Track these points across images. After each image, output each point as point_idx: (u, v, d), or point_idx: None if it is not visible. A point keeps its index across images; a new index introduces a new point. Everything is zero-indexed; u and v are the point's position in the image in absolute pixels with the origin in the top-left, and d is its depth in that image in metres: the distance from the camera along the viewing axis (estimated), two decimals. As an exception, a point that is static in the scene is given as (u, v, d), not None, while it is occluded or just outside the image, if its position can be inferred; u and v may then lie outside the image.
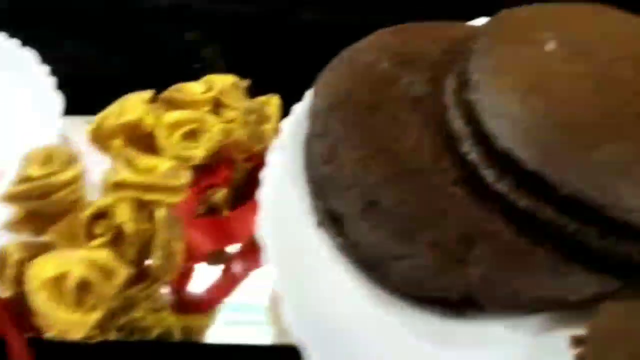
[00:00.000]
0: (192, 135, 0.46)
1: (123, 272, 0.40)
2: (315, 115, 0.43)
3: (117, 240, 0.41)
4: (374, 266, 0.38)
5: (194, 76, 0.48)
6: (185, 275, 0.44)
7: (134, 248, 0.41)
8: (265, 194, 0.40)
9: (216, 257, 0.47)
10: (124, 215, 0.41)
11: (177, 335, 0.44)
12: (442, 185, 0.39)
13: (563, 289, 0.35)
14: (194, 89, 0.46)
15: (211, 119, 0.44)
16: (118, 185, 0.43)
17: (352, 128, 0.41)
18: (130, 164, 0.43)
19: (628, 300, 0.35)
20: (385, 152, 0.40)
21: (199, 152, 0.44)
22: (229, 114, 0.44)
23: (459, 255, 0.36)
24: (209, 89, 0.45)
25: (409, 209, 0.38)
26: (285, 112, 0.48)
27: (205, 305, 0.45)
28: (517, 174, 0.36)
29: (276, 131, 0.44)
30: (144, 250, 0.42)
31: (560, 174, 0.35)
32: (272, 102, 0.47)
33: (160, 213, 0.41)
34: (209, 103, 0.44)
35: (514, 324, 0.37)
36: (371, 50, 0.45)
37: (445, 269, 0.36)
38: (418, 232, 0.37)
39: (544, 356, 0.36)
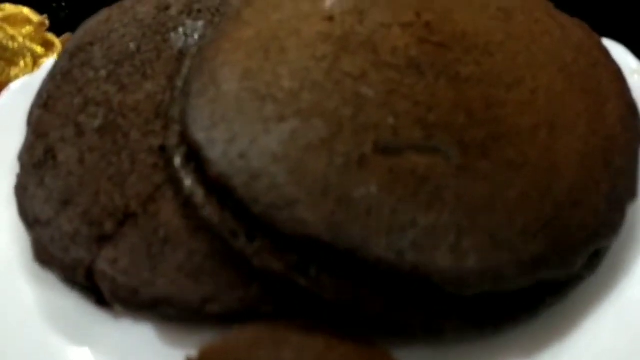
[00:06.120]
0: None
1: None
2: (61, 55, 0.37)
3: None
4: (30, 232, 0.32)
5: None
6: None
7: None
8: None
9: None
10: None
11: None
12: (138, 149, 0.32)
13: (200, 294, 0.27)
14: None
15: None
16: None
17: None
18: None
19: (270, 327, 0.26)
20: (101, 103, 0.34)
21: None
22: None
23: (106, 232, 0.29)
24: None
25: (81, 168, 0.31)
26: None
27: None
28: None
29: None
30: None
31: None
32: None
33: None
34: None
35: (171, 335, 0.30)
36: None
37: (80, 244, 0.29)
38: (77, 196, 0.30)
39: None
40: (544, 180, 0.28)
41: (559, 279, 0.27)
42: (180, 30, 0.38)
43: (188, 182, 0.28)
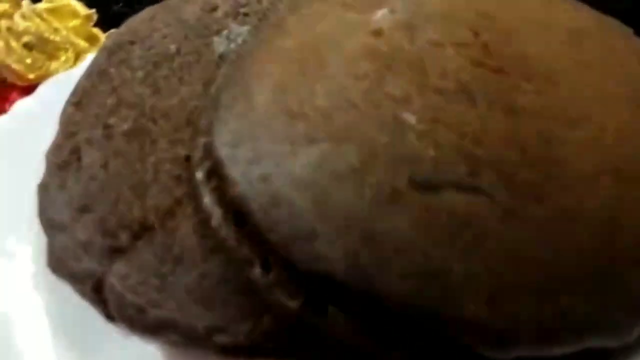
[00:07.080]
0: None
1: None
2: (100, 52, 0.36)
3: None
4: (46, 235, 0.31)
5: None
6: None
7: None
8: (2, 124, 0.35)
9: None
10: None
11: None
12: (164, 158, 0.30)
13: (207, 322, 0.25)
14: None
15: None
16: None
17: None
18: None
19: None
20: (133, 106, 0.32)
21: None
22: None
23: (120, 244, 0.27)
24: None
25: (104, 173, 0.30)
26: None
27: None
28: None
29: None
30: None
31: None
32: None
33: None
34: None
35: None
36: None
37: (92, 255, 0.27)
38: (96, 203, 0.29)
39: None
40: (602, 234, 0.25)
41: (610, 347, 0.24)
42: (224, 33, 0.36)
43: (207, 199, 0.26)
